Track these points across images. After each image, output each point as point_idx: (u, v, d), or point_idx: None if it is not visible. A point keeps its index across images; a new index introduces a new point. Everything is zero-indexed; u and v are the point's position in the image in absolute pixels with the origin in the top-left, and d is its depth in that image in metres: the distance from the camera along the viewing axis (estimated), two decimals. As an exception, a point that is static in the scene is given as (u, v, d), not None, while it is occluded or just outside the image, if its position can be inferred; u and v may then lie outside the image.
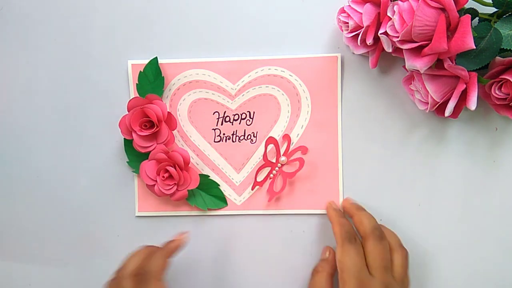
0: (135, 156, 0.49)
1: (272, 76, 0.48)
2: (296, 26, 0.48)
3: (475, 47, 0.37)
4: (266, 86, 0.48)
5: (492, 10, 0.41)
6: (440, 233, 0.48)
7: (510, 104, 0.42)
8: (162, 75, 0.48)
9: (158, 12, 0.49)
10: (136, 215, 0.50)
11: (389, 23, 0.39)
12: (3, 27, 0.50)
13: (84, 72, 0.50)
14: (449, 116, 0.42)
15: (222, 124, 0.49)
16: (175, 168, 0.47)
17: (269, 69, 0.48)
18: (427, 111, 0.43)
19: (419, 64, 0.39)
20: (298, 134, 0.49)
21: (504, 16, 0.41)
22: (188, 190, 0.48)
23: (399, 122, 0.47)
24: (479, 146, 0.47)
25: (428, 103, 0.42)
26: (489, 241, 0.48)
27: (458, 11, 0.37)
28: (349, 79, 0.48)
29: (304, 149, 0.48)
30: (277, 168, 0.49)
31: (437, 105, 0.42)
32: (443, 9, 0.37)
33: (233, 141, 0.49)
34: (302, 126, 0.48)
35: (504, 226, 0.47)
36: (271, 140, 0.48)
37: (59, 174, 0.51)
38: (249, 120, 0.49)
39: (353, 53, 0.46)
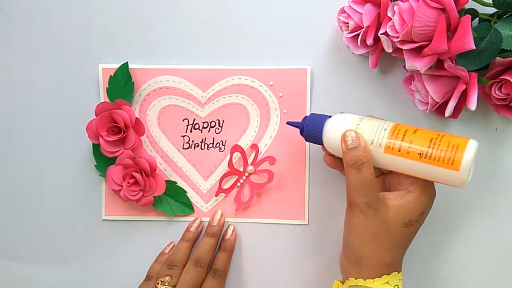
0: (103, 160, 0.49)
1: (242, 86, 0.48)
2: (295, 27, 0.47)
3: (475, 48, 0.37)
4: (236, 96, 0.48)
5: (493, 10, 0.41)
6: (440, 233, 0.48)
7: (510, 104, 0.42)
8: (132, 81, 0.48)
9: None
10: (102, 218, 0.51)
11: (389, 23, 0.39)
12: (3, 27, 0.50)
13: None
14: (449, 117, 0.42)
15: (191, 131, 0.49)
16: (141, 174, 0.47)
17: (239, 78, 0.48)
18: (427, 111, 0.43)
19: (419, 64, 0.39)
20: (266, 144, 0.49)
21: (504, 16, 0.41)
22: (154, 196, 0.48)
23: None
24: (479, 146, 0.46)
25: (428, 103, 0.42)
26: (489, 241, 0.47)
27: (458, 11, 0.37)
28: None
29: (272, 159, 0.49)
30: (244, 177, 0.49)
31: (437, 105, 0.42)
32: (443, 10, 0.38)
33: (201, 149, 0.49)
34: (271, 136, 0.49)
35: (504, 226, 0.47)
36: (236, 148, 0.48)
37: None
38: (218, 129, 0.49)
39: (353, 53, 0.46)
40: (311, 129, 0.42)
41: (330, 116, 0.42)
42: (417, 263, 0.48)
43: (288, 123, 0.45)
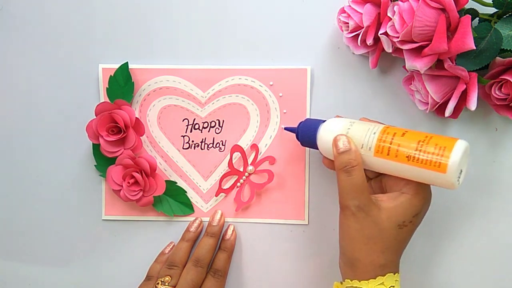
0: (103, 160, 0.49)
1: (242, 86, 0.48)
2: (295, 27, 0.47)
3: (475, 48, 0.37)
4: (236, 96, 0.48)
5: (493, 10, 0.41)
6: (439, 234, 0.48)
7: (510, 104, 0.41)
8: (132, 81, 0.48)
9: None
10: (102, 218, 0.51)
11: (389, 23, 0.40)
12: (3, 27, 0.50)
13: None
14: (449, 117, 0.42)
15: (191, 131, 0.49)
16: (141, 174, 0.47)
17: (239, 78, 0.48)
18: (427, 111, 0.43)
19: (419, 64, 0.39)
20: (266, 144, 0.49)
21: (504, 16, 0.41)
22: (154, 196, 0.48)
23: (399, 122, 0.47)
24: (479, 146, 0.47)
25: (428, 103, 0.42)
26: (488, 241, 0.47)
27: (458, 11, 0.37)
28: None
29: (272, 159, 0.49)
30: (244, 177, 0.49)
31: (437, 105, 0.42)
32: (443, 10, 0.38)
33: (201, 149, 0.49)
34: (271, 136, 0.49)
35: (504, 226, 0.47)
36: (236, 148, 0.48)
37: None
38: (218, 129, 0.49)
39: (353, 53, 0.46)
40: (306, 134, 0.43)
41: (324, 121, 0.42)
42: (415, 264, 0.48)
43: (285, 128, 0.45)
